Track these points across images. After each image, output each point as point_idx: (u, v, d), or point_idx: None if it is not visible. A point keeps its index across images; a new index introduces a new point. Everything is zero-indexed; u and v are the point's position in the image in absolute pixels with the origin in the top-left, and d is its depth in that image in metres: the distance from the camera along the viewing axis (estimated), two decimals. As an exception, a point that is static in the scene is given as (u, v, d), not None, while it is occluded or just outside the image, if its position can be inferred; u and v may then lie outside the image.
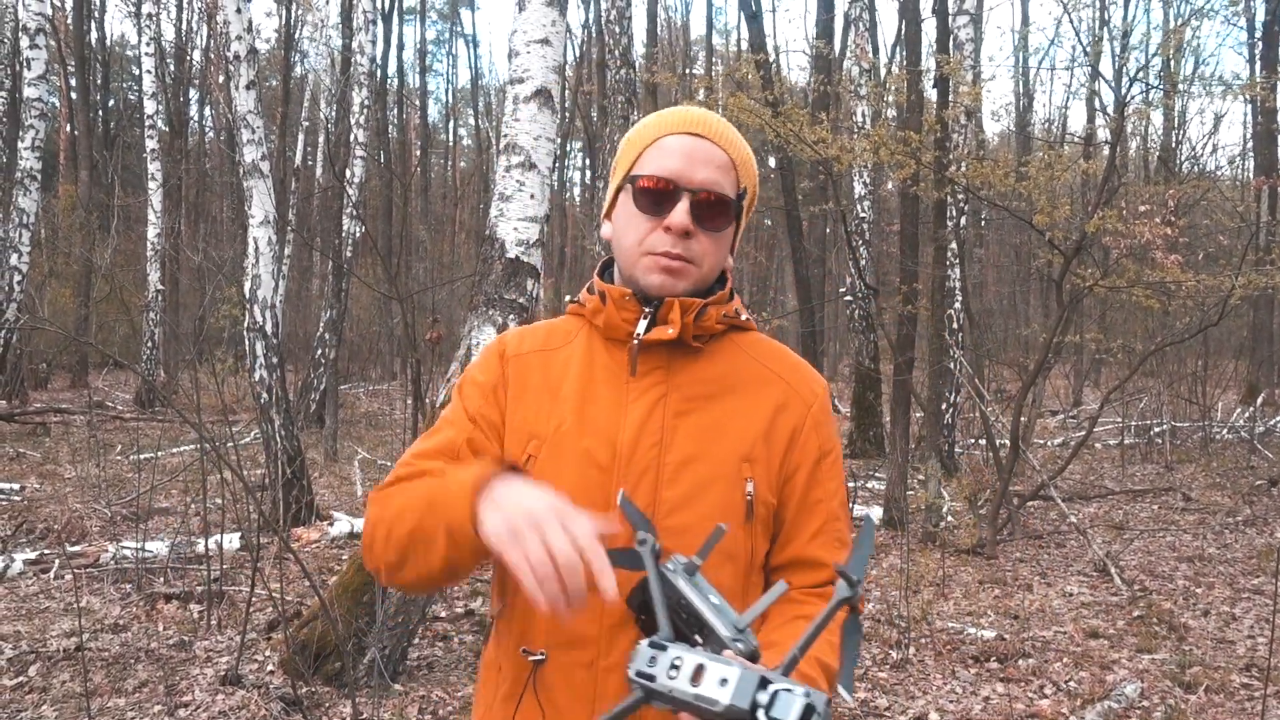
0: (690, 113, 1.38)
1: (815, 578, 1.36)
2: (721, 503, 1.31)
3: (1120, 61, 8.82)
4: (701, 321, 1.36)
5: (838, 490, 1.41)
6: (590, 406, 1.36)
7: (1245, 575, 6.59)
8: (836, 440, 1.44)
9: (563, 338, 1.46)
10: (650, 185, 1.34)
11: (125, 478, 8.84)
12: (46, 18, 12.34)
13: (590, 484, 1.31)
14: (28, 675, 4.34)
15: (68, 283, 19.38)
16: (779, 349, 1.47)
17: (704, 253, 1.35)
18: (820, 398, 1.42)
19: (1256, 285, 8.47)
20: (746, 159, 1.40)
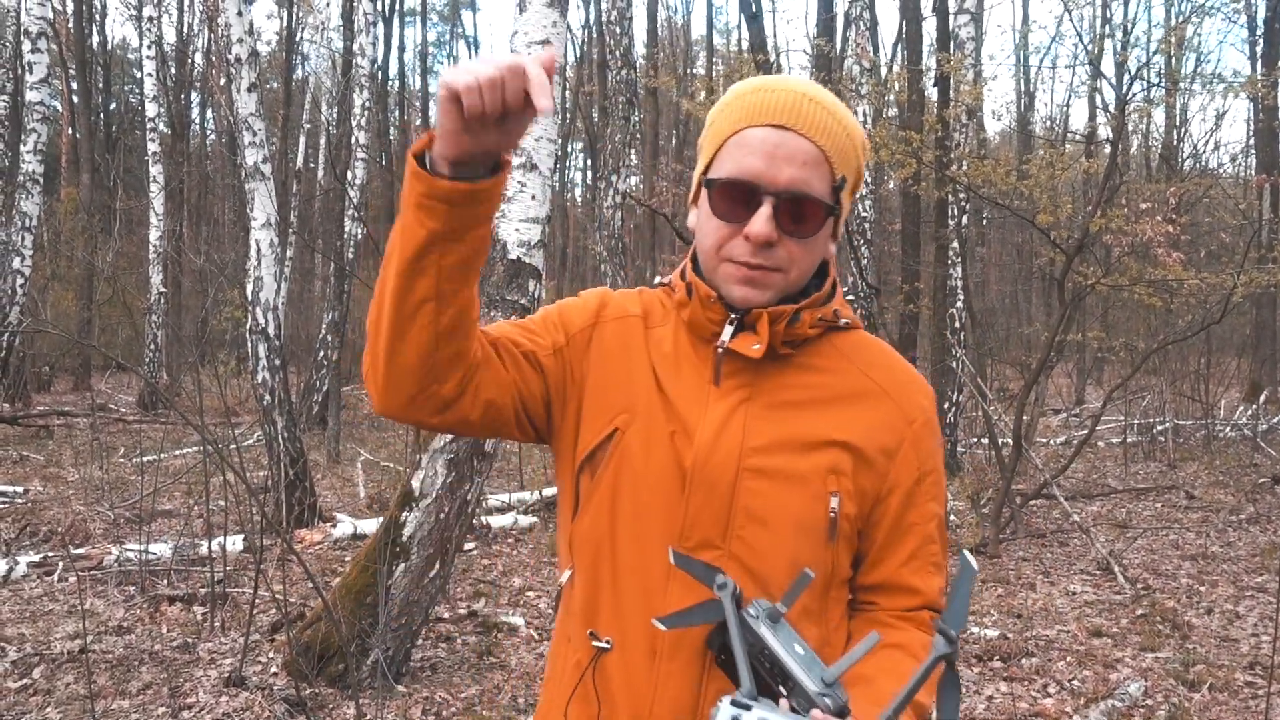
0: (776, 95, 1.21)
1: (906, 603, 1.28)
2: (803, 517, 1.22)
3: (1121, 59, 8.81)
4: (793, 329, 1.25)
5: (936, 512, 1.30)
6: (678, 397, 1.27)
7: (1249, 573, 6.58)
8: (939, 458, 1.32)
9: (659, 317, 1.35)
10: (728, 190, 1.21)
11: (128, 480, 8.85)
12: (48, 21, 12.37)
13: (672, 482, 1.23)
14: (32, 677, 4.35)
15: (70, 286, 19.40)
16: (884, 354, 1.35)
17: (791, 259, 1.22)
18: (925, 411, 1.30)
19: (1259, 283, 8.46)
20: (843, 144, 1.23)
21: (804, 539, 1.21)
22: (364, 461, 10.33)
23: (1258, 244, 11.13)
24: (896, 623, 1.27)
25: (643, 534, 1.23)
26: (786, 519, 1.21)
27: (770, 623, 1.03)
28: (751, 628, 1.03)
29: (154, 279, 16.05)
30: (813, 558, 1.21)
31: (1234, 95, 10.14)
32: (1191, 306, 10.31)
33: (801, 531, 1.21)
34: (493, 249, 4.44)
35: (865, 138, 1.28)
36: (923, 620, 1.27)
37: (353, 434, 12.97)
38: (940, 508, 1.31)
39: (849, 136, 1.23)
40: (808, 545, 1.21)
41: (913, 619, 1.27)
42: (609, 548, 1.26)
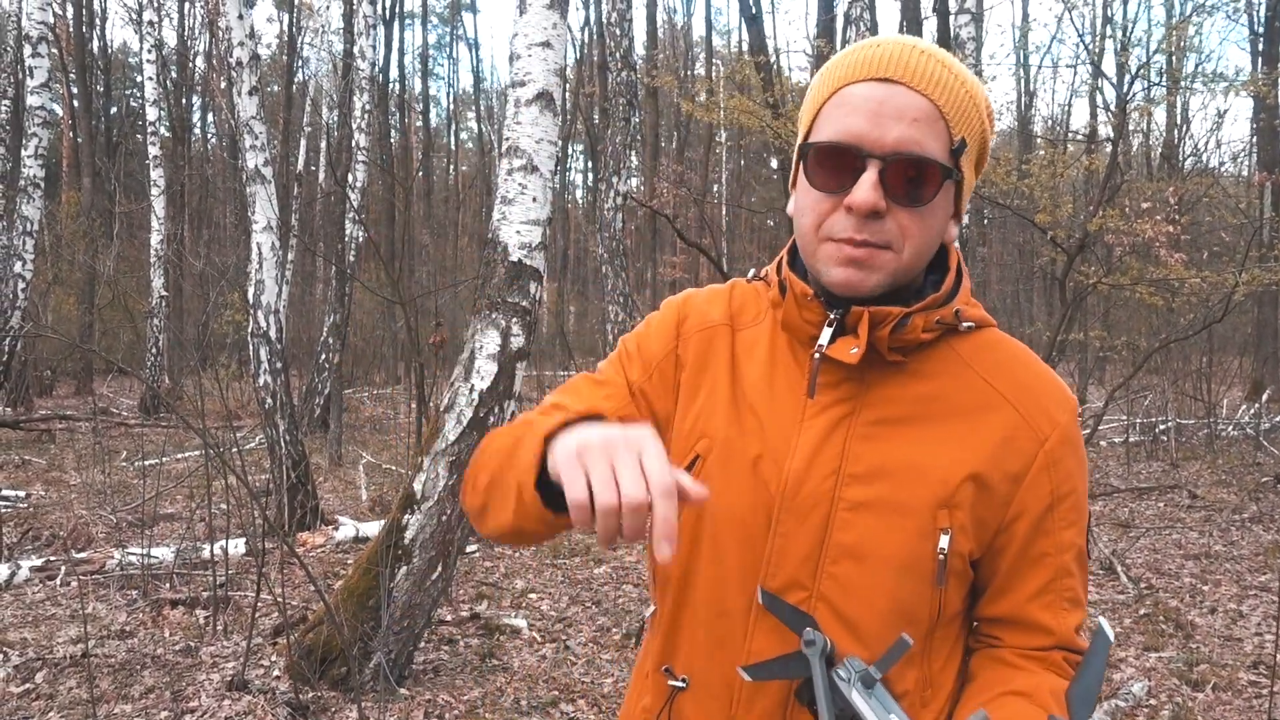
0: (881, 49, 1.06)
1: (1034, 641, 1.11)
2: (906, 556, 1.07)
3: (1122, 59, 8.81)
4: (902, 334, 1.08)
5: (1074, 542, 1.11)
6: (767, 414, 1.13)
7: (1252, 572, 6.57)
8: (1079, 477, 1.13)
9: (753, 314, 1.21)
10: (827, 155, 1.05)
11: (130, 484, 8.85)
12: (48, 26, 12.38)
13: (757, 508, 1.11)
14: (34, 682, 4.35)
15: (71, 290, 19.43)
16: (1016, 359, 1.15)
17: (904, 233, 1.04)
18: (1061, 427, 1.11)
19: (1260, 281, 8.46)
20: (963, 100, 1.06)
21: (906, 580, 1.07)
22: (366, 464, 10.33)
23: (1259, 243, 11.13)
24: (1022, 663, 1.10)
25: (723, 572, 1.13)
26: (886, 557, 1.07)
27: (863, 687, 0.94)
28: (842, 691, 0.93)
29: (155, 283, 16.06)
30: (916, 601, 1.07)
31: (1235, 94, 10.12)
32: (1193, 305, 10.31)
33: (904, 572, 1.07)
34: (494, 251, 4.45)
35: (989, 101, 1.11)
36: (1053, 661, 1.11)
37: (354, 437, 12.98)
38: (1080, 537, 1.13)
39: (969, 93, 1.07)
40: (911, 587, 1.07)
41: (1042, 659, 1.11)
42: (687, 585, 1.16)
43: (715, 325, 1.21)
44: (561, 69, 4.72)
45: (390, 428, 14.03)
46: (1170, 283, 8.64)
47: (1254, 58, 19.82)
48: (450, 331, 13.85)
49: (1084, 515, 1.13)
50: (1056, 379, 1.16)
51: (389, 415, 15.50)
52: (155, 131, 16.59)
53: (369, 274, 18.35)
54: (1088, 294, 9.06)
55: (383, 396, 18.53)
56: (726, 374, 1.18)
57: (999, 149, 23.83)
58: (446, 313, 18.01)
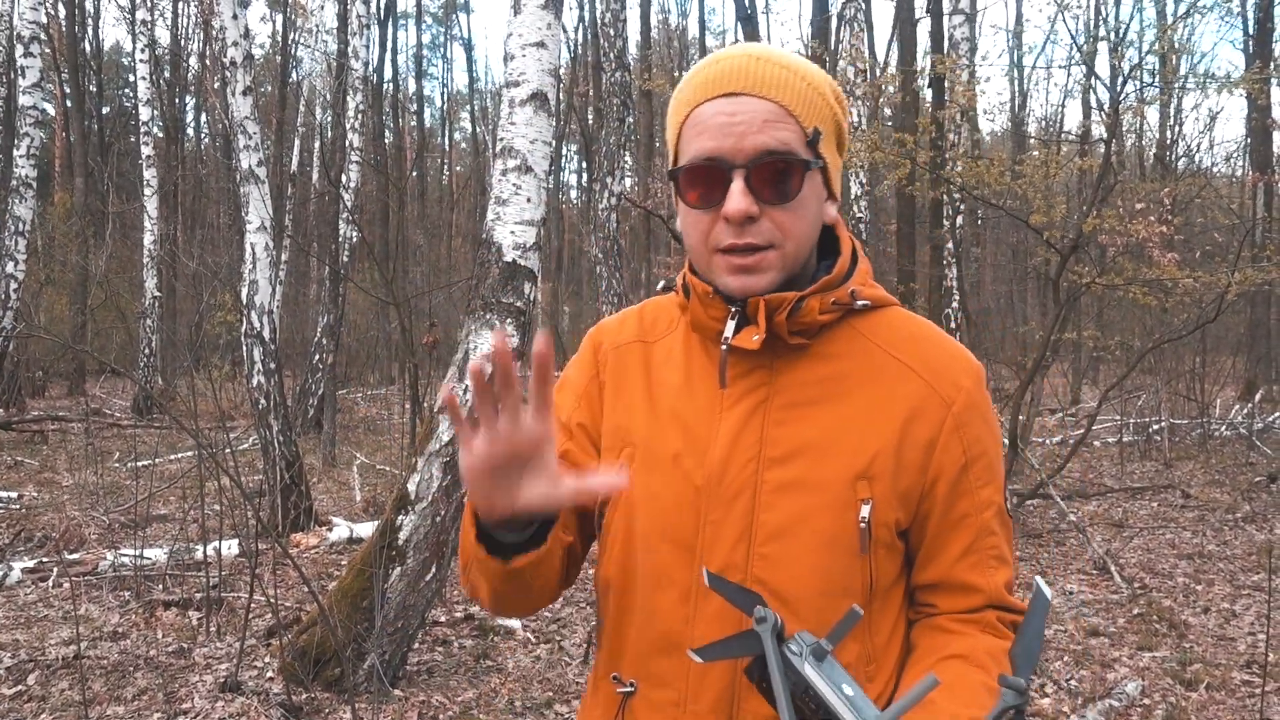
0: (721, 65, 1.12)
1: (967, 602, 1.16)
2: (831, 530, 1.11)
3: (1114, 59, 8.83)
4: (799, 317, 1.13)
5: (991, 499, 1.17)
6: (687, 412, 1.19)
7: (1245, 572, 6.59)
8: (990, 439, 1.18)
9: (665, 325, 1.27)
10: (694, 176, 1.11)
11: (123, 485, 8.82)
12: (41, 25, 12.33)
13: (683, 504, 1.15)
14: (26, 684, 4.33)
15: (64, 290, 19.37)
16: (916, 331, 1.20)
17: (781, 230, 1.10)
18: (966, 391, 1.16)
19: (1252, 281, 8.48)
20: (806, 94, 1.11)
21: (835, 553, 1.11)
22: (360, 465, 10.31)
23: (1251, 243, 11.17)
24: (960, 627, 1.15)
25: (659, 569, 1.16)
26: (813, 533, 1.11)
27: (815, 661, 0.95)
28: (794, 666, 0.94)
29: (148, 283, 16.02)
30: (846, 573, 1.11)
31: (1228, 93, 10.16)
32: (1186, 305, 10.31)
33: (831, 545, 1.11)
34: (488, 251, 4.44)
35: (836, 86, 1.17)
36: (988, 621, 1.16)
37: (348, 437, 12.95)
38: (998, 495, 1.18)
39: (811, 86, 1.12)
40: (839, 559, 1.11)
41: (976, 620, 1.16)
42: (625, 589, 1.20)
43: (627, 343, 1.28)
44: (556, 69, 4.72)
45: (384, 428, 14.00)
46: (1164, 283, 8.65)
47: (1248, 58, 19.88)
48: (444, 332, 13.83)
49: (999, 475, 1.18)
50: (960, 348, 1.21)
51: (383, 416, 15.48)
52: (148, 131, 16.56)
53: (363, 274, 18.31)
54: (1081, 294, 9.08)
55: (377, 397, 18.50)
56: (642, 384, 1.23)
57: (993, 149, 23.88)
58: (440, 313, 17.97)
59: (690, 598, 1.14)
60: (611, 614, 1.22)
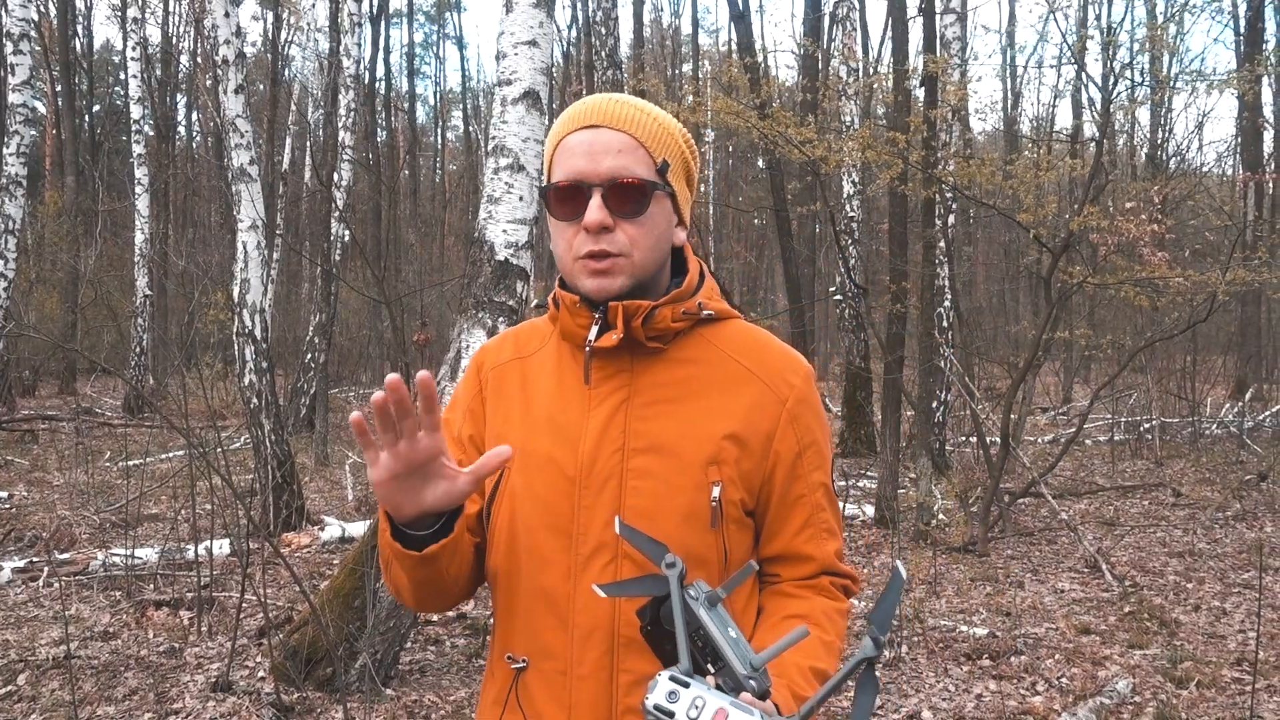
0: (585, 105, 1.33)
1: (805, 570, 1.36)
2: (687, 509, 1.28)
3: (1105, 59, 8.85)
4: (653, 324, 1.31)
5: (821, 480, 1.38)
6: (559, 413, 1.35)
7: (1235, 570, 6.61)
8: (818, 428, 1.39)
9: (538, 341, 1.45)
10: (561, 192, 1.30)
11: (114, 484, 8.80)
12: (31, 23, 12.28)
13: (558, 494, 1.31)
14: (16, 684, 4.32)
15: (54, 289, 19.29)
16: (754, 339, 1.41)
17: (632, 242, 1.29)
18: (797, 389, 1.37)
19: (1243, 281, 8.50)
20: (655, 131, 1.32)
21: (691, 529, 1.27)
22: (352, 464, 10.29)
23: (1242, 243, 11.19)
24: (799, 592, 1.35)
25: (541, 554, 1.31)
26: (672, 512, 1.28)
27: (709, 605, 1.08)
28: (691, 608, 1.07)
29: (139, 282, 15.96)
30: (702, 547, 1.28)
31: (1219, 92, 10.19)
32: (1178, 305, 10.35)
33: (687, 522, 1.28)
34: (480, 250, 4.44)
35: (684, 131, 1.38)
36: (822, 586, 1.36)
37: (340, 436, 12.93)
38: (825, 476, 1.38)
39: (661, 126, 1.33)
40: (694, 534, 1.28)
41: (813, 585, 1.36)
42: (512, 574, 1.34)
43: (505, 363, 1.45)
44: (548, 68, 4.72)
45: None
46: (1155, 282, 8.67)
47: (1239, 57, 19.94)
48: (436, 331, 13.81)
49: (827, 460, 1.39)
50: (792, 353, 1.41)
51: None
52: (139, 130, 16.49)
53: (355, 273, 18.28)
54: (1073, 293, 9.09)
55: (369, 396, 18.42)
56: (519, 395, 1.40)
57: (984, 149, 23.90)
58: (432, 312, 17.97)
59: (570, 575, 1.29)
60: (501, 600, 1.37)
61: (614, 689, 1.28)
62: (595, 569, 1.28)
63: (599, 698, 1.28)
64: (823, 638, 1.29)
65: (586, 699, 1.28)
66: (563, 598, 1.29)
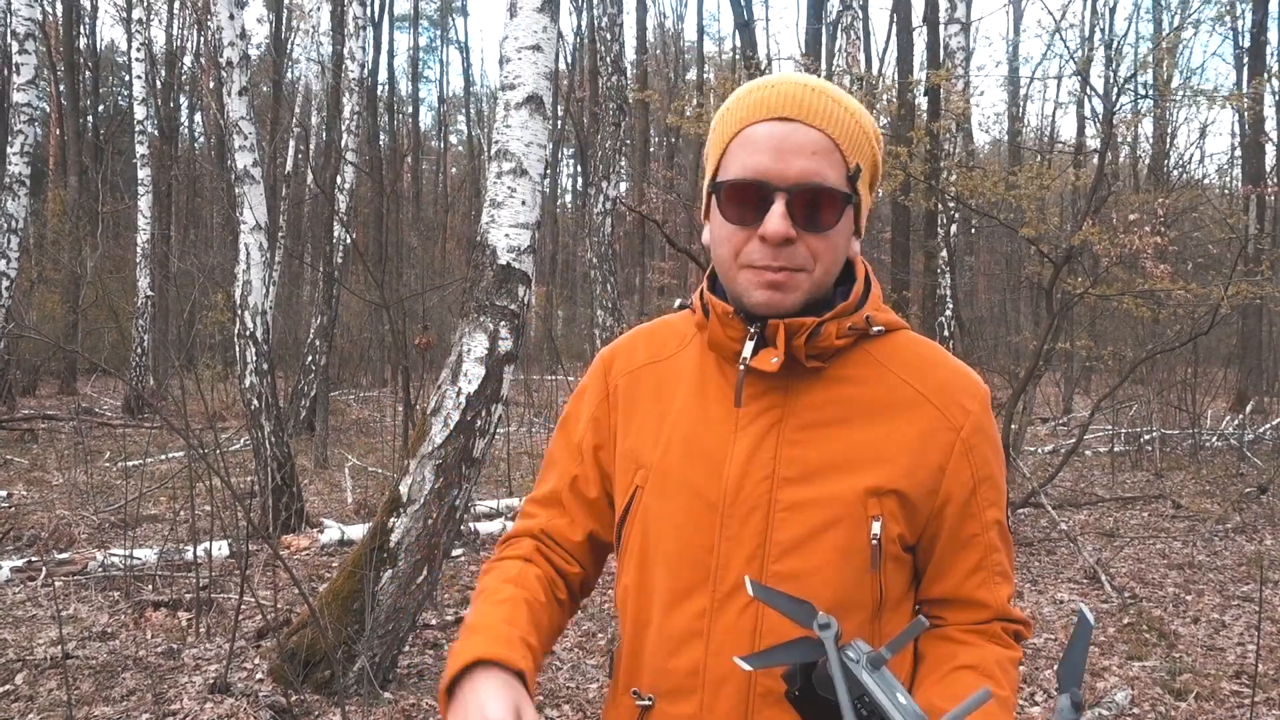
0: (777, 90, 1.15)
1: (975, 616, 1.22)
2: (843, 546, 1.15)
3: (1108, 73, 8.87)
4: (816, 342, 1.17)
5: (996, 518, 1.22)
6: (702, 432, 1.22)
7: (1235, 582, 6.60)
8: (995, 460, 1.24)
9: (676, 343, 1.31)
10: (737, 191, 1.14)
11: (113, 484, 8.79)
12: (36, 23, 12.31)
13: (698, 523, 1.19)
14: (14, 683, 4.31)
15: (56, 289, 19.30)
16: (927, 357, 1.24)
17: (814, 255, 1.15)
18: (974, 415, 1.21)
19: (1246, 295, 8.51)
20: (854, 131, 1.16)
21: (846, 569, 1.15)
22: (351, 467, 10.29)
23: (1245, 257, 11.20)
24: (967, 638, 1.20)
25: (676, 585, 1.20)
26: (825, 550, 1.15)
27: (872, 668, 0.98)
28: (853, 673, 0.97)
29: (141, 282, 15.97)
30: (857, 588, 1.16)
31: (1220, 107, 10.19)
32: (1179, 317, 10.37)
33: (843, 561, 1.15)
34: (482, 254, 4.44)
35: (877, 128, 1.22)
36: (994, 633, 1.22)
37: (340, 439, 12.92)
38: (1000, 513, 1.23)
39: (859, 125, 1.17)
40: (850, 575, 1.15)
41: (983, 632, 1.21)
42: (643, 605, 1.24)
43: (640, 367, 1.32)
44: (552, 73, 4.72)
45: (376, 430, 13.98)
46: (1157, 294, 8.68)
47: (1239, 70, 19.98)
48: (438, 334, 13.82)
49: (1002, 494, 1.23)
50: (968, 373, 1.25)
51: (375, 418, 15.45)
52: (143, 130, 16.51)
53: (356, 276, 18.29)
54: (1074, 304, 9.10)
55: (369, 399, 18.46)
56: (654, 407, 1.27)
57: (988, 159, 23.95)
58: (434, 316, 17.97)
59: (706, 614, 1.17)
60: (629, 630, 1.26)
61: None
62: (735, 609, 1.16)
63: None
64: (998, 693, 1.13)
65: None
66: (696, 637, 1.18)
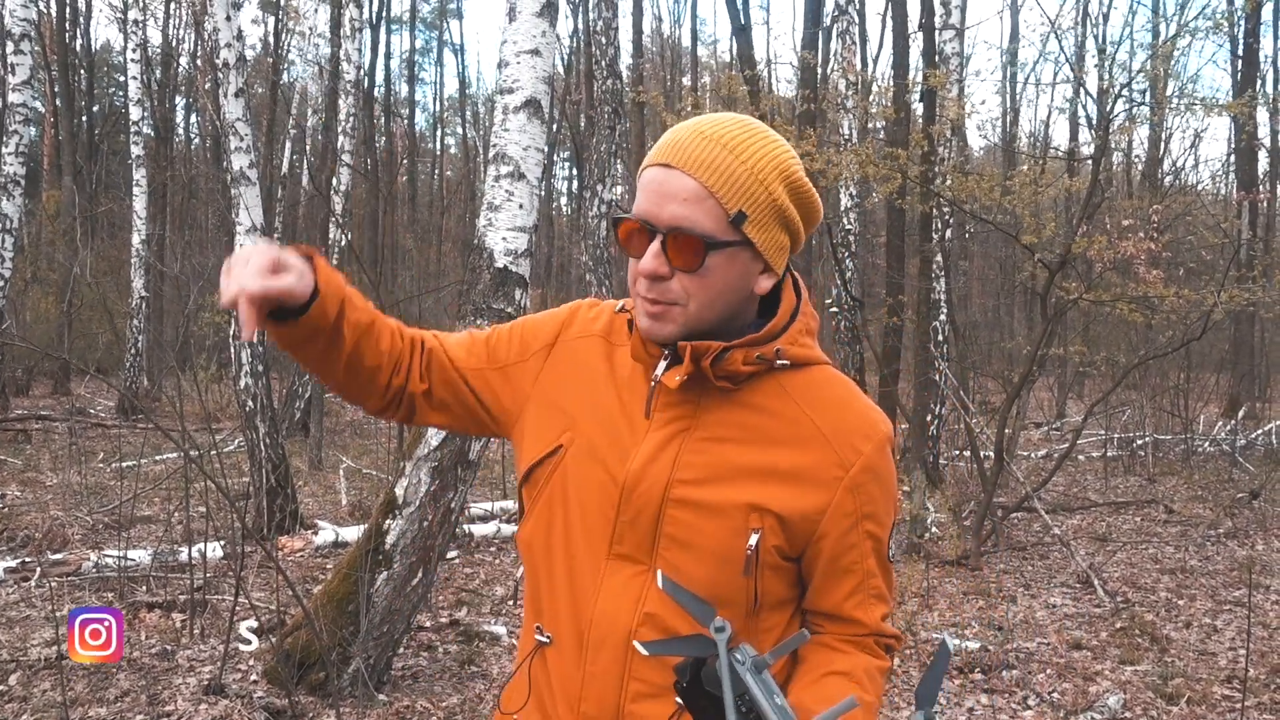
0: (670, 137, 1.25)
1: (851, 630, 1.33)
2: (721, 550, 1.25)
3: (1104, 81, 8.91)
4: (723, 365, 1.25)
5: (875, 548, 1.31)
6: (619, 421, 1.33)
7: (1226, 587, 6.63)
8: (881, 497, 1.31)
9: (622, 338, 1.40)
10: (627, 229, 1.25)
11: (107, 485, 8.77)
12: (31, 23, 12.29)
13: (606, 495, 1.30)
14: (8, 684, 4.30)
15: (50, 289, 19.25)
16: (834, 396, 1.32)
17: (688, 293, 1.23)
18: (865, 455, 1.28)
19: (1239, 301, 8.54)
20: (737, 177, 1.20)
21: (723, 569, 1.25)
22: (346, 469, 10.28)
23: (1237, 263, 11.25)
24: (842, 647, 1.32)
25: (576, 543, 1.32)
26: (707, 548, 1.25)
27: (755, 671, 1.07)
28: (738, 673, 1.07)
29: (136, 283, 15.95)
30: (730, 587, 1.25)
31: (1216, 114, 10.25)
32: (1172, 323, 10.39)
33: (721, 562, 1.25)
34: (479, 257, 4.45)
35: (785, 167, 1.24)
36: (867, 645, 1.33)
37: (335, 441, 12.92)
38: (881, 546, 1.32)
39: (746, 169, 1.20)
40: (726, 575, 1.25)
41: (857, 643, 1.33)
42: (547, 554, 1.35)
43: (595, 335, 1.41)
44: (550, 77, 4.74)
45: (371, 433, 13.97)
46: (1150, 300, 8.71)
47: (1234, 78, 20.05)
48: (433, 337, 13.78)
49: (885, 527, 1.32)
50: (871, 413, 1.33)
51: (370, 420, 15.43)
52: (138, 131, 16.49)
53: (352, 278, 18.24)
54: (1068, 309, 9.13)
55: (364, 401, 18.39)
56: (597, 380, 1.37)
57: (983, 164, 23.99)
58: (430, 318, 17.94)
59: (599, 573, 1.29)
60: (532, 573, 1.38)
61: (622, 694, 1.27)
62: (624, 575, 1.28)
63: (607, 698, 1.28)
64: (864, 698, 1.25)
65: (594, 695, 1.29)
66: (587, 595, 1.30)
